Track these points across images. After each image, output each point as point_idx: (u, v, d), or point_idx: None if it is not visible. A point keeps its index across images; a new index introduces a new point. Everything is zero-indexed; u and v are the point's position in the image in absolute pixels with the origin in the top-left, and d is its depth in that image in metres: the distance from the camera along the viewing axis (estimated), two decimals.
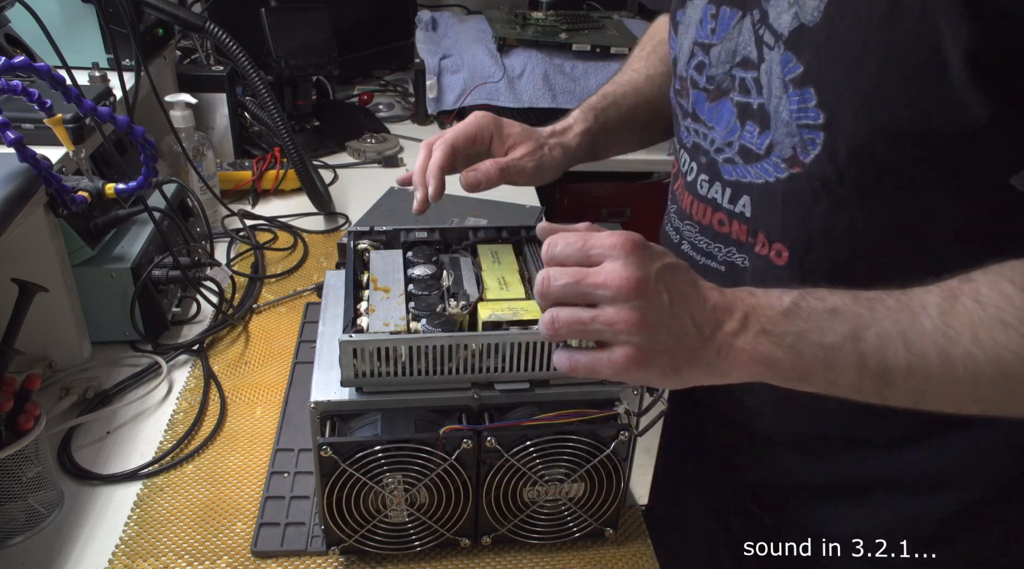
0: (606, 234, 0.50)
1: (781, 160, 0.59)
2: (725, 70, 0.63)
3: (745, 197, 0.63)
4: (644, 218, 1.98)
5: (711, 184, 0.67)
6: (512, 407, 0.65)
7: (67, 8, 1.12)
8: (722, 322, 0.50)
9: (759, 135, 0.61)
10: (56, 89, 0.71)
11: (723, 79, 0.63)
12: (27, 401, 0.68)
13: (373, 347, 0.61)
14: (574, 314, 0.50)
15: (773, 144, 0.59)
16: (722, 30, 0.63)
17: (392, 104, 1.78)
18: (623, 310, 0.48)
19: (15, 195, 0.72)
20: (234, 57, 1.15)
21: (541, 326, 0.52)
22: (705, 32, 0.65)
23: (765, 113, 0.60)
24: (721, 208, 0.66)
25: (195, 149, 1.15)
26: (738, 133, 0.63)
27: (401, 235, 0.79)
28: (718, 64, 0.64)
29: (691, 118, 0.69)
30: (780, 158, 0.59)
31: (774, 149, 0.59)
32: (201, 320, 1.00)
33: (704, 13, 0.65)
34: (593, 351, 0.51)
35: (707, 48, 0.65)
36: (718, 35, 0.63)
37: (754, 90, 0.60)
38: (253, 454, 0.80)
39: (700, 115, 0.67)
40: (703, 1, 0.65)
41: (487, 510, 0.66)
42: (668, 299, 0.49)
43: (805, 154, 0.57)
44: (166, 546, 0.69)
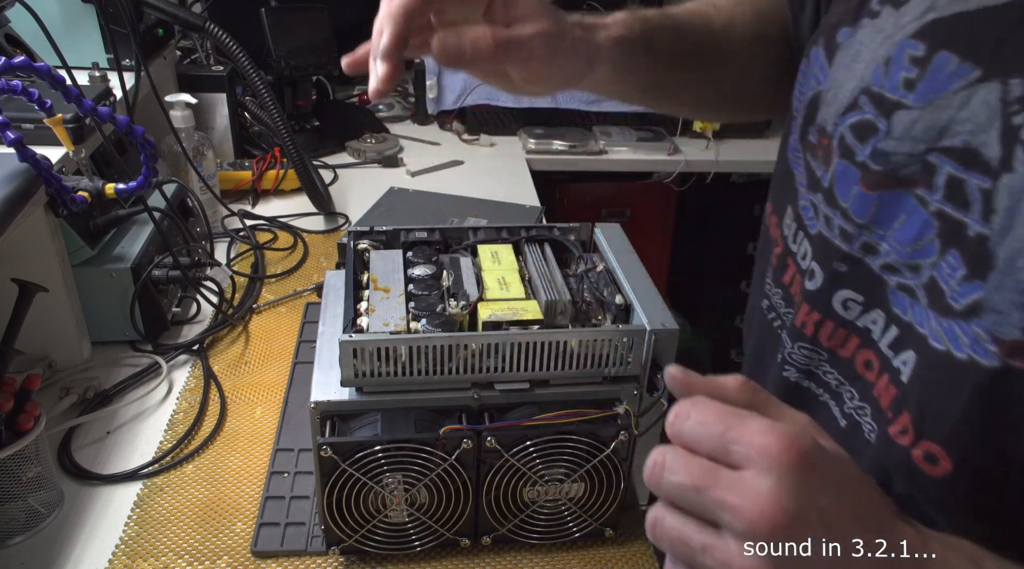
0: (762, 427, 0.33)
1: (992, 339, 0.38)
2: (920, 151, 0.42)
3: (910, 352, 0.43)
4: (644, 218, 1.99)
5: (865, 310, 0.47)
6: (512, 407, 0.66)
7: (67, 8, 1.12)
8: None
9: (963, 281, 0.40)
10: (56, 89, 0.71)
11: (910, 164, 0.42)
12: (27, 401, 0.68)
13: (373, 347, 0.61)
14: (682, 533, 0.35)
15: (984, 307, 0.39)
16: (932, 89, 0.41)
17: (392, 104, 1.78)
18: (750, 558, 0.33)
19: (15, 195, 0.72)
20: (234, 57, 1.15)
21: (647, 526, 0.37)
22: (893, 81, 0.43)
23: (987, 252, 0.38)
24: (873, 346, 0.46)
25: (195, 149, 1.15)
26: (932, 258, 0.42)
27: (401, 235, 0.79)
28: (908, 140, 0.42)
29: (823, 195, 0.48)
30: (990, 334, 0.38)
31: (984, 315, 0.39)
32: (201, 320, 1.00)
33: (899, 50, 0.43)
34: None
35: (891, 108, 0.43)
36: (921, 94, 0.42)
37: (978, 207, 0.39)
38: (253, 454, 0.80)
39: (842, 202, 0.47)
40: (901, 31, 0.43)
41: (487, 510, 0.66)
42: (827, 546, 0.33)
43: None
44: (166, 546, 0.69)
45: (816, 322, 0.50)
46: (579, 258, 0.79)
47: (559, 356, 0.64)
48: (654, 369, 0.67)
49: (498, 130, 1.65)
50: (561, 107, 1.61)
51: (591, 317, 0.70)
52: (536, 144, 1.58)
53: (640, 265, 0.76)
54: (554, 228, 0.82)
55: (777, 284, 0.57)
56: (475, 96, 1.60)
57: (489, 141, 1.62)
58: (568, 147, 1.57)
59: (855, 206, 0.46)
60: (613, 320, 0.69)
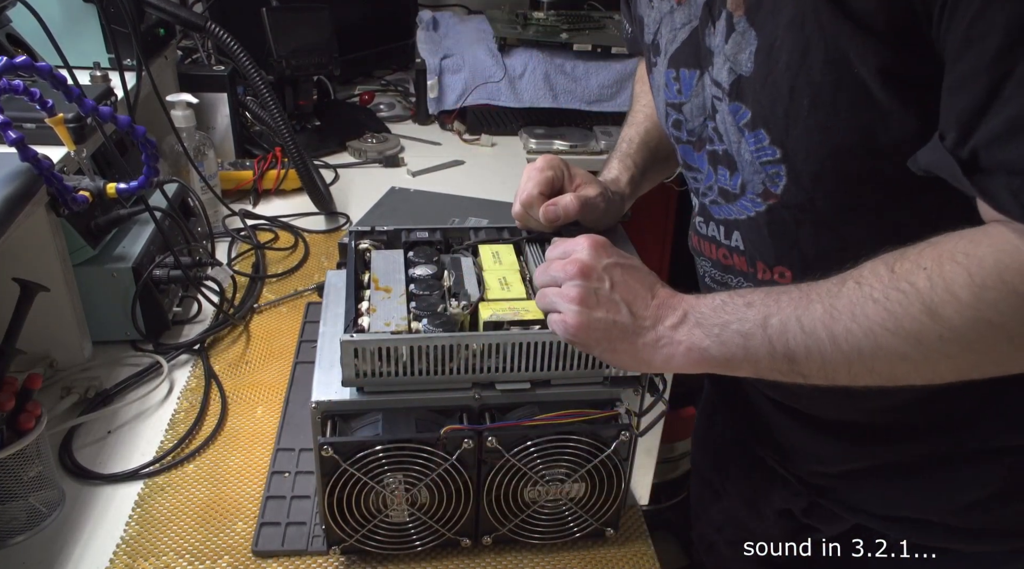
0: (582, 236, 0.63)
1: (756, 195, 0.64)
2: (699, 123, 0.68)
3: (736, 232, 0.69)
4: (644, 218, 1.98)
5: (707, 223, 0.72)
6: (513, 407, 0.66)
7: (68, 8, 1.12)
8: (663, 316, 0.59)
9: (731, 177, 0.66)
10: (57, 89, 0.72)
11: (700, 130, 0.69)
12: (28, 400, 0.68)
13: (374, 347, 0.61)
14: (544, 292, 0.63)
15: (744, 183, 0.65)
16: (687, 89, 0.68)
17: (393, 104, 1.78)
18: (568, 288, 0.60)
19: (16, 195, 0.72)
20: (235, 57, 1.15)
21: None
22: (672, 93, 0.70)
23: (730, 157, 0.65)
24: (721, 244, 0.71)
25: (196, 149, 1.15)
26: (714, 178, 0.68)
27: (402, 235, 0.79)
28: (692, 118, 0.69)
29: (685, 166, 0.74)
30: (755, 194, 0.64)
31: (747, 187, 0.65)
32: (202, 320, 1.00)
33: (667, 77, 0.69)
34: (554, 313, 0.62)
35: (679, 107, 0.70)
36: (685, 94, 0.68)
37: (716, 138, 0.66)
38: (254, 454, 0.80)
39: (691, 164, 0.72)
40: (663, 66, 0.70)
41: (488, 510, 0.67)
42: (609, 286, 0.60)
43: (775, 186, 0.62)
44: (167, 546, 0.69)
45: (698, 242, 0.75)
46: None
47: (560, 356, 0.65)
48: None
49: (499, 130, 1.65)
50: (562, 107, 1.61)
51: None
52: (537, 144, 1.58)
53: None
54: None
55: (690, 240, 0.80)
56: (476, 96, 1.60)
57: (490, 141, 1.62)
58: (569, 147, 1.57)
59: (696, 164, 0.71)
60: None
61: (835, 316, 0.52)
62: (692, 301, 0.59)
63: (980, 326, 0.48)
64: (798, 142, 0.59)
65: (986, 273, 0.47)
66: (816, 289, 0.54)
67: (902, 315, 0.50)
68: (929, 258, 0.50)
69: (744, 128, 0.62)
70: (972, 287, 0.47)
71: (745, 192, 0.65)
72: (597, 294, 0.59)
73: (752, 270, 0.69)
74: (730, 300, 0.58)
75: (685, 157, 0.73)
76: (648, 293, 0.60)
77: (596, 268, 0.60)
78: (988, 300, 0.47)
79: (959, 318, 0.48)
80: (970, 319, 0.48)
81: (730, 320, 0.56)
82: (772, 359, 0.55)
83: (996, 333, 0.48)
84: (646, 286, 0.61)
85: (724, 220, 0.70)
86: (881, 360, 0.52)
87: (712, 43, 0.62)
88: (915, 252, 0.51)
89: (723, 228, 0.70)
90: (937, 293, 0.48)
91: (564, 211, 0.74)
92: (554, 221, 0.75)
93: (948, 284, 0.48)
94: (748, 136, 0.62)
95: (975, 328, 0.48)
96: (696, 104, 0.67)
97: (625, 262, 0.62)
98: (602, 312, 0.59)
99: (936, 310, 0.49)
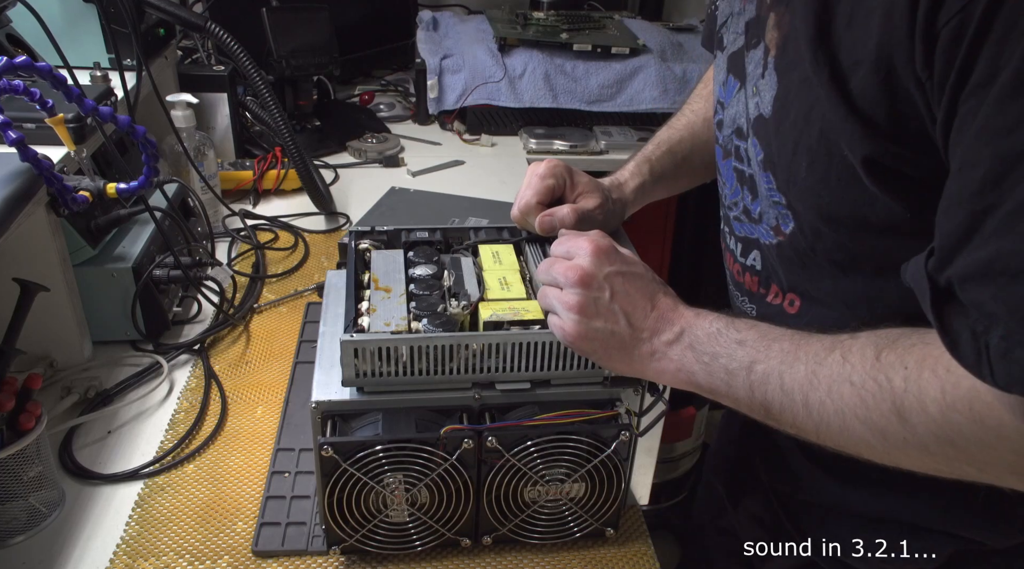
0: (583, 237, 0.63)
1: (769, 228, 0.65)
2: (729, 133, 0.68)
3: (755, 252, 0.69)
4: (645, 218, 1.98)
5: (730, 236, 0.72)
6: (513, 407, 0.66)
7: (68, 8, 1.12)
8: (661, 330, 0.59)
9: (752, 202, 0.66)
10: (57, 89, 0.72)
11: (727, 141, 0.68)
12: (28, 400, 0.68)
13: (374, 347, 0.61)
14: (545, 291, 0.63)
15: (762, 213, 0.65)
16: (729, 96, 0.67)
17: (393, 104, 1.78)
18: (568, 294, 0.60)
19: (16, 195, 0.72)
20: (235, 57, 1.15)
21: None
22: (723, 92, 0.69)
23: (754, 184, 0.65)
24: (737, 260, 0.71)
25: (196, 149, 1.15)
26: (740, 196, 0.68)
27: (402, 235, 0.79)
28: (726, 126, 0.68)
29: (717, 170, 0.74)
30: (768, 226, 0.65)
31: (763, 217, 0.65)
32: (202, 320, 1.00)
33: (725, 74, 0.68)
34: (554, 316, 0.62)
35: (723, 107, 0.69)
36: (727, 98, 0.68)
37: (746, 160, 0.66)
38: (254, 454, 0.80)
39: (720, 170, 0.72)
40: (723, 63, 0.69)
41: (488, 510, 0.67)
42: (609, 296, 0.60)
43: (785, 226, 0.63)
44: (167, 546, 0.69)
45: (723, 251, 0.75)
46: None
47: (560, 356, 0.65)
48: None
49: (499, 130, 1.65)
50: (562, 107, 1.61)
51: None
52: (537, 144, 1.58)
53: None
54: None
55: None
56: (476, 96, 1.60)
57: (490, 141, 1.62)
58: (569, 147, 1.58)
59: (722, 171, 0.72)
60: None
61: (814, 384, 0.52)
62: (690, 319, 0.59)
63: (943, 444, 0.47)
64: (797, 198, 0.59)
65: (959, 396, 0.45)
66: (806, 347, 0.53)
67: (872, 407, 0.49)
68: (913, 358, 0.48)
69: (760, 164, 0.62)
70: (942, 405, 0.46)
71: (762, 221, 0.65)
72: (597, 304, 0.60)
73: (764, 292, 0.69)
74: (725, 331, 0.57)
75: (717, 159, 0.73)
76: (648, 304, 0.60)
77: (597, 277, 0.60)
78: (954, 422, 0.46)
79: (924, 429, 0.47)
80: (934, 434, 0.47)
81: (720, 353, 0.57)
82: (750, 403, 0.56)
83: (958, 454, 0.47)
84: (646, 296, 0.60)
85: (745, 238, 0.69)
86: (847, 440, 0.52)
87: (749, 69, 0.62)
88: (907, 344, 0.49)
89: (741, 245, 0.70)
90: (909, 398, 0.47)
91: (560, 223, 0.74)
92: (549, 231, 0.74)
93: (921, 393, 0.47)
94: (762, 174, 0.62)
95: (938, 443, 0.47)
96: (730, 115, 0.67)
97: (627, 270, 0.61)
98: (600, 322, 0.59)
99: (904, 414, 0.47)
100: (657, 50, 1.66)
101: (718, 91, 0.70)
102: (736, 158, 0.67)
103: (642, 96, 1.63)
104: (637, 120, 1.67)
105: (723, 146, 0.70)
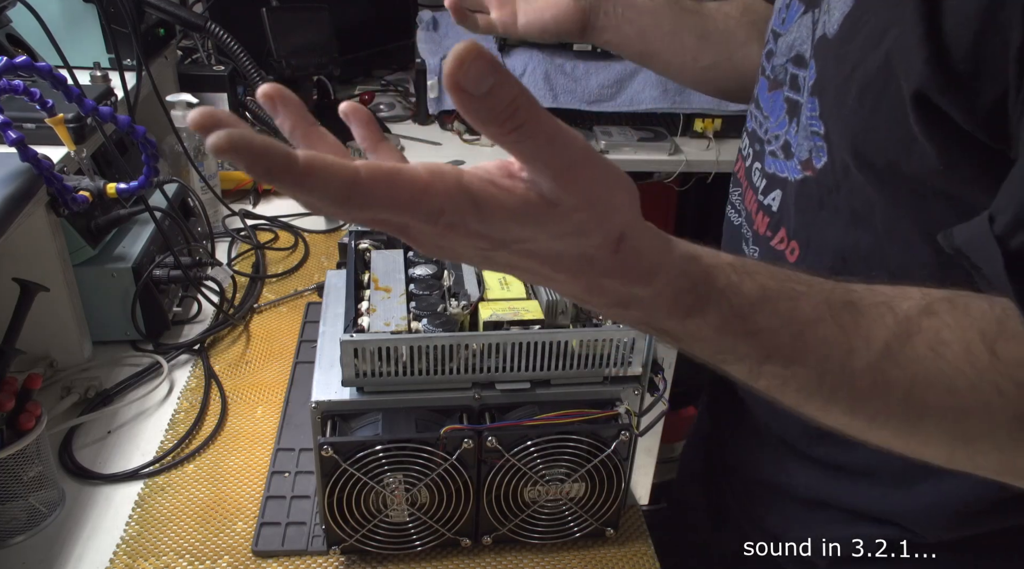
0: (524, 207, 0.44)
1: (799, 162, 0.60)
2: (782, 62, 0.64)
3: (777, 191, 0.65)
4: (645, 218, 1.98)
5: (757, 172, 0.68)
6: (513, 407, 0.66)
7: (68, 8, 1.12)
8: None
9: (794, 134, 0.61)
10: (57, 89, 0.72)
11: (780, 71, 0.64)
12: (28, 400, 0.68)
13: (374, 347, 0.61)
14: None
15: (798, 146, 0.61)
16: (789, 22, 0.63)
17: (393, 104, 1.78)
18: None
19: (16, 195, 0.72)
20: (235, 57, 1.15)
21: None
22: (778, 21, 0.66)
23: (798, 111, 0.61)
24: (757, 197, 0.67)
25: (196, 149, 1.15)
26: (786, 128, 0.63)
27: None
28: (780, 55, 0.65)
29: (755, 104, 0.70)
30: (799, 160, 0.60)
31: (797, 151, 0.61)
32: (202, 320, 1.00)
33: (782, 2, 0.66)
34: None
35: (777, 37, 0.66)
36: (785, 26, 0.64)
37: (798, 87, 0.61)
38: (254, 454, 0.80)
39: (761, 103, 0.69)
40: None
41: (488, 510, 0.67)
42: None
43: (818, 160, 0.58)
44: (167, 545, 0.69)
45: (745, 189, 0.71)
46: None
47: (560, 356, 0.65)
48: (655, 369, 0.67)
49: None
50: (562, 107, 1.61)
51: (592, 317, 0.70)
52: None
53: None
54: None
55: (735, 185, 0.75)
56: None
57: (490, 141, 1.62)
58: None
59: (765, 105, 0.67)
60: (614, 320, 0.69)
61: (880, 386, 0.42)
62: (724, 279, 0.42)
63: None
64: (836, 129, 0.55)
65: None
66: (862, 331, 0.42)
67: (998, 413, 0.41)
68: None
69: (810, 88, 0.57)
70: None
71: (795, 155, 0.61)
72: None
73: (770, 234, 0.65)
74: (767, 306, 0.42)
75: (759, 93, 0.68)
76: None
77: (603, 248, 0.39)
78: None
79: None
80: None
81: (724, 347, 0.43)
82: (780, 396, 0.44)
83: None
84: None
85: (773, 175, 0.65)
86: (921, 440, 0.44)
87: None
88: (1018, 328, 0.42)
89: (766, 181, 0.65)
90: None
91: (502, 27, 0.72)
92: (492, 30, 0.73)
93: None
94: (809, 99, 0.57)
95: None
96: (786, 42, 0.63)
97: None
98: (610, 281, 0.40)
99: None
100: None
101: (774, 20, 0.67)
102: (791, 87, 0.62)
103: (642, 96, 1.62)
104: (637, 120, 1.67)
105: (771, 77, 0.66)
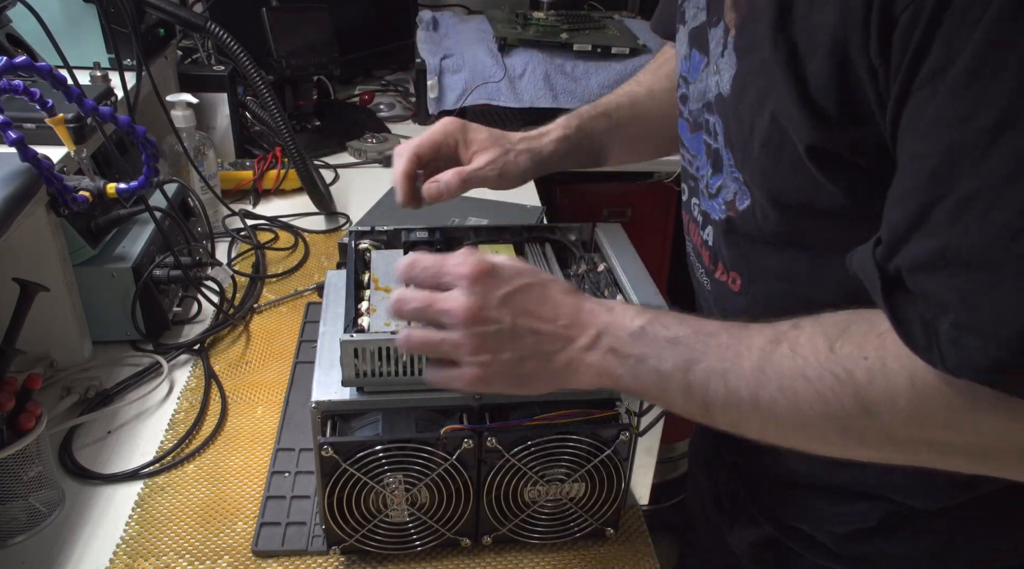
0: (458, 262, 0.55)
1: (723, 203, 0.63)
2: (698, 107, 0.65)
3: (710, 227, 0.67)
4: (645, 218, 1.98)
5: (695, 208, 0.70)
6: (513, 407, 0.65)
7: (68, 8, 1.12)
8: (574, 338, 0.55)
9: (713, 176, 0.64)
10: (57, 89, 0.72)
11: (698, 114, 0.66)
12: (28, 400, 0.68)
13: (374, 347, 0.61)
14: (425, 336, 0.56)
15: (720, 188, 0.63)
16: (695, 71, 0.65)
17: (393, 104, 1.78)
18: (465, 336, 0.54)
19: (16, 195, 0.72)
20: (235, 57, 1.15)
21: (398, 342, 0.57)
22: (685, 67, 0.68)
23: (719, 159, 0.62)
24: (700, 232, 0.69)
25: (196, 149, 1.15)
26: (711, 171, 0.65)
27: (402, 235, 0.79)
28: (694, 101, 0.66)
29: (681, 143, 0.71)
30: (723, 201, 0.63)
31: (721, 192, 0.63)
32: (202, 320, 1.00)
33: (688, 48, 0.67)
34: (449, 368, 0.57)
35: (687, 82, 0.67)
36: (692, 75, 0.66)
37: (713, 134, 0.63)
38: (254, 454, 0.80)
39: (686, 142, 0.70)
40: (684, 37, 0.67)
41: (488, 510, 0.67)
42: (511, 321, 0.54)
43: (741, 202, 0.61)
44: (167, 545, 0.69)
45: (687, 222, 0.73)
46: (580, 258, 0.79)
47: None
48: None
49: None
50: (562, 107, 1.61)
51: None
52: None
53: (641, 265, 0.76)
54: (555, 228, 0.82)
55: (683, 217, 0.77)
56: (476, 96, 1.60)
57: None
58: None
59: (689, 144, 0.69)
60: None
61: (762, 382, 0.50)
62: (607, 319, 0.55)
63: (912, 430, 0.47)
64: (751, 177, 0.58)
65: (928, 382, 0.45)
66: (747, 341, 0.51)
67: (832, 402, 0.47)
68: (872, 348, 0.47)
69: (723, 141, 0.61)
70: (912, 394, 0.45)
71: (719, 196, 0.64)
72: (499, 335, 0.54)
73: (713, 268, 0.68)
74: (651, 329, 0.54)
75: (682, 134, 0.70)
76: (552, 312, 0.55)
77: (489, 305, 0.54)
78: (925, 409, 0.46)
79: (891, 419, 0.46)
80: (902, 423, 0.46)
81: (648, 355, 0.53)
82: (686, 403, 0.53)
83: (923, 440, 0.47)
84: (551, 305, 0.56)
85: (704, 212, 0.67)
86: (800, 436, 0.51)
87: (711, 46, 0.62)
88: (858, 332, 0.48)
89: (701, 219, 0.68)
90: (875, 390, 0.46)
91: (446, 188, 0.71)
92: (437, 199, 0.72)
93: (888, 385, 0.46)
94: (724, 150, 0.61)
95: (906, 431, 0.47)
96: (698, 89, 0.65)
97: (517, 284, 0.55)
98: (508, 353, 0.55)
99: (871, 409, 0.47)
100: (657, 50, 1.66)
101: (681, 65, 0.68)
102: (706, 132, 0.65)
103: None
104: None
105: (690, 120, 0.68)
